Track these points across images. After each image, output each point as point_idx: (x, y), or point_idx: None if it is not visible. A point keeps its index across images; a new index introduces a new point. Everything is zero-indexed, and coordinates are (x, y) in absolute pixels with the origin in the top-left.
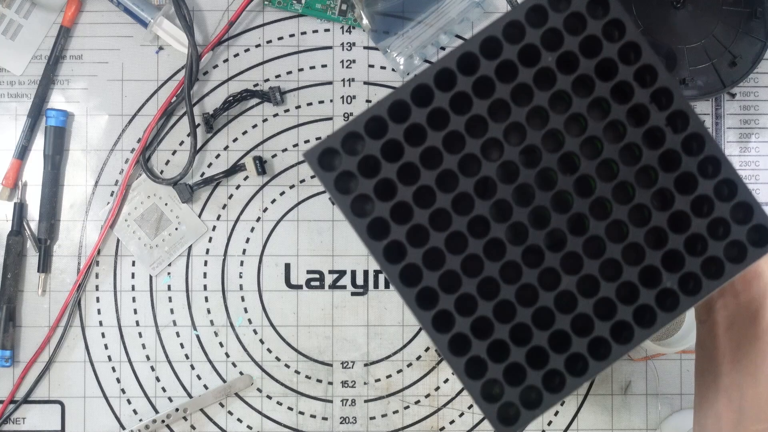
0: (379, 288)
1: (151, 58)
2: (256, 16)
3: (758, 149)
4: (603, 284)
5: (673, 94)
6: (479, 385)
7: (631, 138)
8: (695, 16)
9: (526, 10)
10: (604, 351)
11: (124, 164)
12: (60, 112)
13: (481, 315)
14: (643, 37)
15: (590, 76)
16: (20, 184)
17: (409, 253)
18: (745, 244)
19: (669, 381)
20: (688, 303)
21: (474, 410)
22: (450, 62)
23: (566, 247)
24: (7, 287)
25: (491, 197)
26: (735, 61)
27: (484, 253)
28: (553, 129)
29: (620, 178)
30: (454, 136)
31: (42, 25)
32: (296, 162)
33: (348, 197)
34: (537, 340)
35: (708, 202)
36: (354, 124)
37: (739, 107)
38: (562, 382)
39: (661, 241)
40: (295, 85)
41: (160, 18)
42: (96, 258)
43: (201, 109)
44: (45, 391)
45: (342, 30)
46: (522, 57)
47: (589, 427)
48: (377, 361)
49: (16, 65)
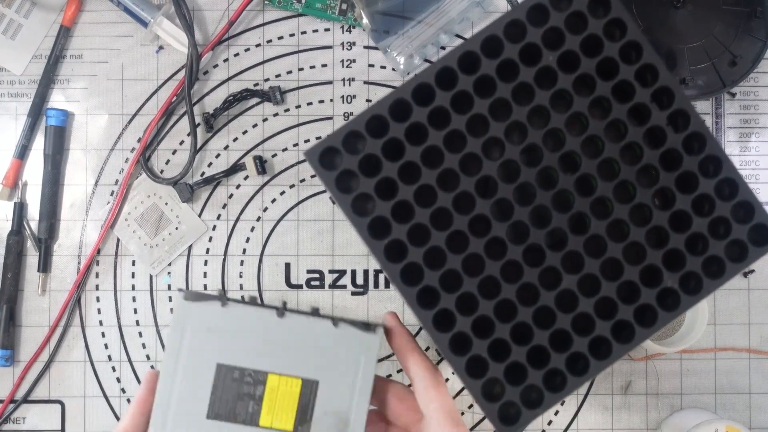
0: (379, 287)
1: (151, 58)
2: (256, 15)
3: (758, 149)
4: (604, 283)
5: (674, 93)
6: (480, 385)
7: (632, 137)
8: (695, 16)
9: (527, 9)
10: (605, 350)
11: (125, 164)
12: (60, 112)
13: (482, 314)
14: (644, 36)
15: (591, 75)
16: (20, 184)
17: (410, 253)
18: (746, 243)
19: (669, 381)
20: (689, 302)
21: (474, 410)
22: (451, 61)
23: (567, 246)
24: (7, 287)
25: (492, 196)
26: (735, 60)
27: (485, 252)
28: (555, 128)
29: (621, 178)
30: (455, 135)
31: (42, 24)
32: (296, 161)
33: (349, 196)
34: (538, 340)
35: (709, 202)
36: (355, 123)
37: (739, 107)
38: (563, 382)
39: (662, 241)
40: (295, 84)
41: (160, 18)
42: (96, 258)
43: (201, 108)
44: (45, 391)
45: (342, 29)
46: (523, 56)
47: (589, 427)
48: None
49: (16, 65)
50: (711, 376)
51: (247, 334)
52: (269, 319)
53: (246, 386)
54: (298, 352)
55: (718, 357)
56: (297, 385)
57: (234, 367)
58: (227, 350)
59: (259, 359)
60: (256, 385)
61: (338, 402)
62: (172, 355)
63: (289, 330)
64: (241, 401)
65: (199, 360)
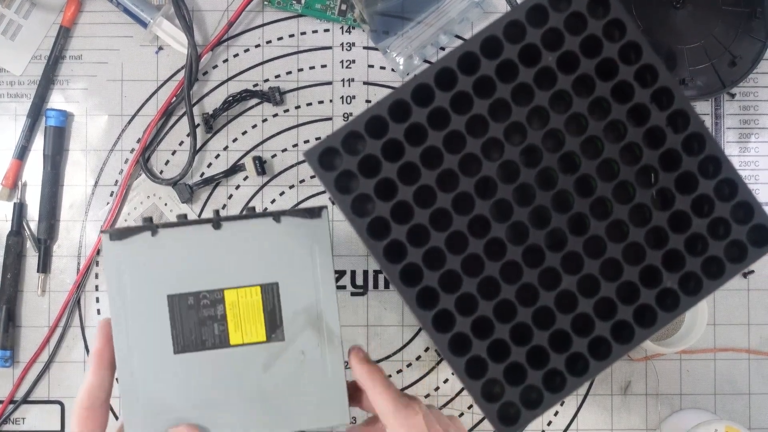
0: (378, 288)
1: (150, 59)
2: (256, 16)
3: (758, 149)
4: (603, 284)
5: (674, 93)
6: (480, 385)
7: (631, 138)
8: (695, 16)
9: (526, 10)
10: (605, 351)
11: (124, 164)
12: (60, 112)
13: (482, 315)
14: (644, 36)
15: (591, 75)
16: (20, 184)
17: (410, 253)
18: (745, 244)
19: (669, 381)
20: (689, 303)
21: (474, 410)
22: (451, 62)
23: (567, 246)
24: (7, 287)
25: (492, 197)
26: (735, 61)
27: (485, 252)
28: (554, 129)
29: (621, 178)
30: (454, 136)
31: (42, 25)
32: (296, 162)
33: (348, 197)
34: (537, 340)
35: (708, 202)
36: (354, 123)
37: (738, 107)
38: (562, 382)
39: (662, 241)
40: (294, 85)
41: (159, 18)
42: (96, 258)
43: (201, 109)
44: (45, 391)
45: (342, 30)
46: (522, 57)
47: (589, 427)
48: (377, 361)
49: (16, 65)
50: (710, 376)
51: (188, 256)
52: (206, 233)
53: (205, 310)
54: (247, 259)
55: (718, 357)
56: (256, 293)
57: (185, 294)
58: (172, 279)
59: (209, 278)
60: (215, 305)
61: (304, 298)
62: (116, 301)
63: (230, 239)
64: (204, 326)
65: (146, 298)
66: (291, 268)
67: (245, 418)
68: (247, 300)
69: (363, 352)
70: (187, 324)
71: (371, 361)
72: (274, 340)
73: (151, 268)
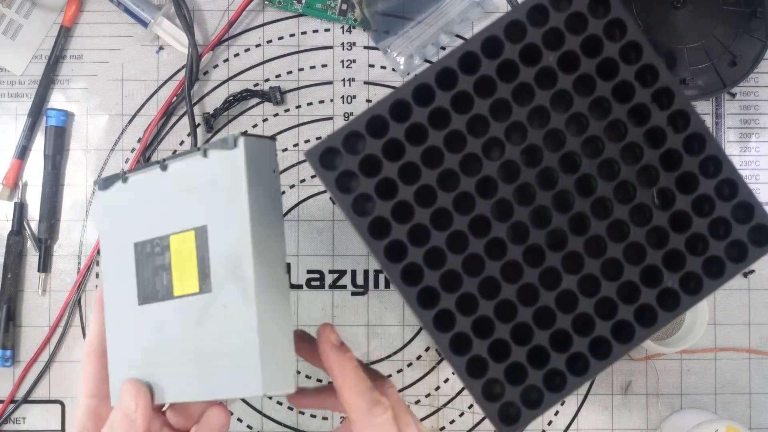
0: (379, 287)
1: (151, 58)
2: (256, 16)
3: (758, 149)
4: (604, 284)
5: (675, 93)
6: (480, 385)
7: (632, 137)
8: (695, 16)
9: (527, 10)
10: (605, 350)
11: (125, 164)
12: (60, 112)
13: (482, 314)
14: (644, 36)
15: (591, 75)
16: (20, 184)
17: (410, 253)
18: (746, 244)
19: (669, 381)
20: (689, 302)
21: (474, 410)
22: (451, 61)
23: (567, 246)
24: (7, 287)
25: (492, 197)
26: (735, 60)
27: (485, 252)
28: (555, 128)
29: (621, 178)
30: (455, 136)
31: (42, 25)
32: (296, 162)
33: (349, 196)
34: (538, 340)
35: (709, 202)
36: (355, 123)
37: (739, 107)
38: (563, 382)
39: (662, 241)
40: (295, 84)
41: (160, 18)
42: (96, 258)
43: (201, 108)
44: (45, 391)
45: (342, 30)
46: (523, 56)
47: (589, 427)
48: (377, 361)
49: (17, 65)
50: (711, 376)
51: (146, 202)
52: (157, 177)
53: (158, 258)
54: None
55: (718, 357)
56: (191, 239)
57: (145, 242)
58: (138, 226)
59: (160, 224)
60: (163, 252)
61: (226, 243)
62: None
63: (174, 181)
64: (157, 276)
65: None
66: (216, 209)
67: (181, 379)
68: (185, 246)
69: (334, 333)
70: (147, 273)
71: (343, 346)
72: (204, 291)
73: (123, 216)
